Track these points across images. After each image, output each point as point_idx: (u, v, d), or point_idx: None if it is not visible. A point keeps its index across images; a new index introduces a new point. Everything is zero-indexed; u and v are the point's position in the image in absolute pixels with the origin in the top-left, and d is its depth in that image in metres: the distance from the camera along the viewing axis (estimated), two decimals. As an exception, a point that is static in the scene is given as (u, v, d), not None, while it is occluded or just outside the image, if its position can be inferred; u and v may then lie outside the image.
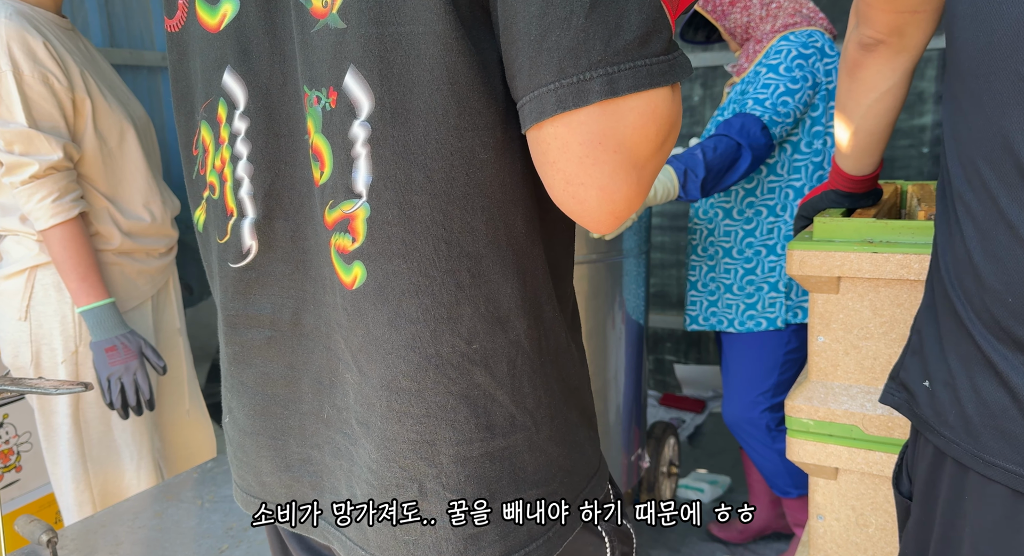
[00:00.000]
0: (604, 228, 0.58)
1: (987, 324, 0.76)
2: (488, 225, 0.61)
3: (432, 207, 0.60)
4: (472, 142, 0.59)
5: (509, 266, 0.63)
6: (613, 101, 0.52)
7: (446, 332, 0.63)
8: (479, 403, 0.64)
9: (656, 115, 0.53)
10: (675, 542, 2.37)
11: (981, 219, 0.75)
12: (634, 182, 0.55)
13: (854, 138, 1.17)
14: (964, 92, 0.77)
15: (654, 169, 0.56)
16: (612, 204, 0.55)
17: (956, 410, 0.79)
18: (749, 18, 1.95)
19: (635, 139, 0.53)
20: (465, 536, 0.65)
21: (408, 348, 0.63)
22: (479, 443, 0.64)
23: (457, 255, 0.61)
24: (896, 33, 1.01)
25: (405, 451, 0.65)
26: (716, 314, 2.12)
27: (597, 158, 0.53)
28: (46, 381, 1.30)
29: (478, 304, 0.62)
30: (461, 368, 0.63)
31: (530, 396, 0.66)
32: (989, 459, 0.76)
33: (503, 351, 0.64)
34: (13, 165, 1.54)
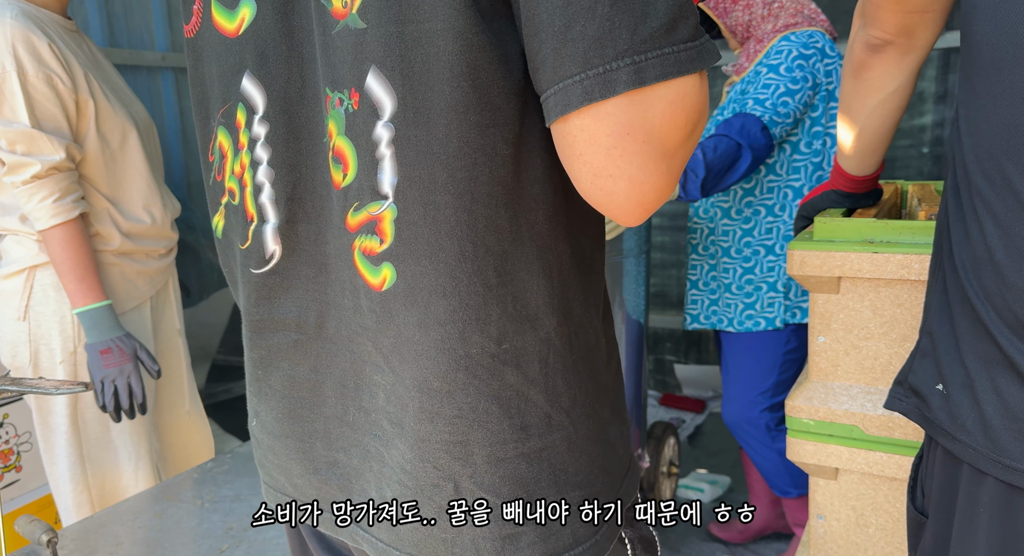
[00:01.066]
0: (633, 220, 0.58)
1: (1009, 323, 0.74)
2: (512, 222, 0.61)
3: (456, 206, 0.60)
4: (494, 138, 0.58)
5: (534, 263, 0.62)
6: (641, 91, 0.51)
7: (475, 333, 0.62)
8: (512, 403, 0.63)
9: (685, 103, 0.52)
10: (675, 542, 2.37)
11: (1003, 216, 0.74)
12: (664, 172, 0.54)
13: (858, 139, 1.16)
14: (984, 85, 0.75)
15: (683, 158, 0.55)
16: (642, 195, 0.55)
17: (975, 413, 0.77)
18: (751, 17, 1.95)
19: (664, 128, 0.52)
20: (503, 535, 0.65)
21: (437, 350, 0.63)
22: (514, 444, 0.64)
23: (483, 254, 0.61)
24: (905, 33, 1.00)
25: (439, 451, 0.65)
26: (716, 313, 2.12)
27: (625, 149, 0.52)
28: (46, 381, 1.30)
29: (506, 303, 0.62)
30: (492, 369, 0.63)
31: (565, 394, 0.65)
32: (1009, 463, 0.74)
33: (534, 350, 0.63)
34: (15, 165, 1.54)
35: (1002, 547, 0.76)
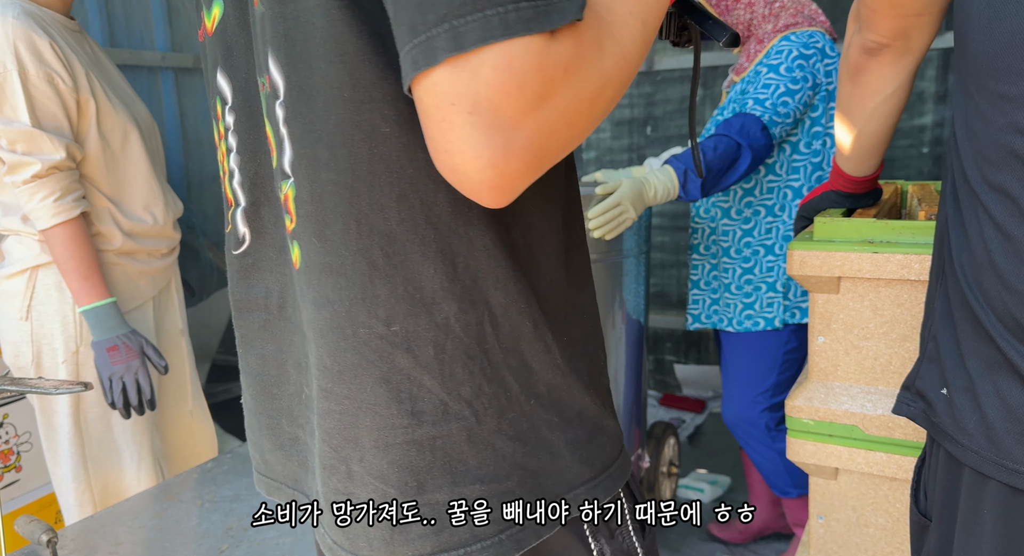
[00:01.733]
0: (487, 201, 0.52)
1: (1010, 327, 0.74)
2: (400, 202, 0.59)
3: (338, 184, 0.60)
4: (371, 115, 0.57)
5: (431, 246, 0.60)
6: (462, 57, 0.46)
7: (362, 313, 0.61)
8: (402, 388, 0.62)
9: (516, 69, 0.46)
10: (675, 542, 2.38)
11: (1001, 220, 0.74)
12: (499, 147, 0.47)
13: (857, 141, 1.16)
14: (981, 91, 0.76)
15: (532, 132, 0.48)
16: (478, 172, 0.49)
17: (976, 417, 0.77)
18: (752, 15, 1.95)
19: (493, 98, 0.46)
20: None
21: (328, 328, 0.63)
22: (402, 429, 0.62)
23: (368, 233, 0.60)
24: (900, 37, 1.00)
25: (334, 431, 0.65)
26: (717, 312, 2.12)
27: (453, 122, 0.47)
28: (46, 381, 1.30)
29: (395, 284, 0.60)
30: (381, 351, 0.61)
31: (467, 384, 0.62)
32: (1012, 466, 0.74)
33: (428, 335, 0.61)
34: (15, 164, 1.54)
35: (1006, 549, 0.76)
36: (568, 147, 0.52)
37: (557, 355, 0.67)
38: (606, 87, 0.51)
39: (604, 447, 0.71)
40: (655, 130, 3.44)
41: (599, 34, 0.51)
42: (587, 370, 0.71)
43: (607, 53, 0.51)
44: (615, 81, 0.52)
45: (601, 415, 0.71)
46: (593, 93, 0.50)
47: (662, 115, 3.41)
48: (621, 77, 0.53)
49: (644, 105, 3.43)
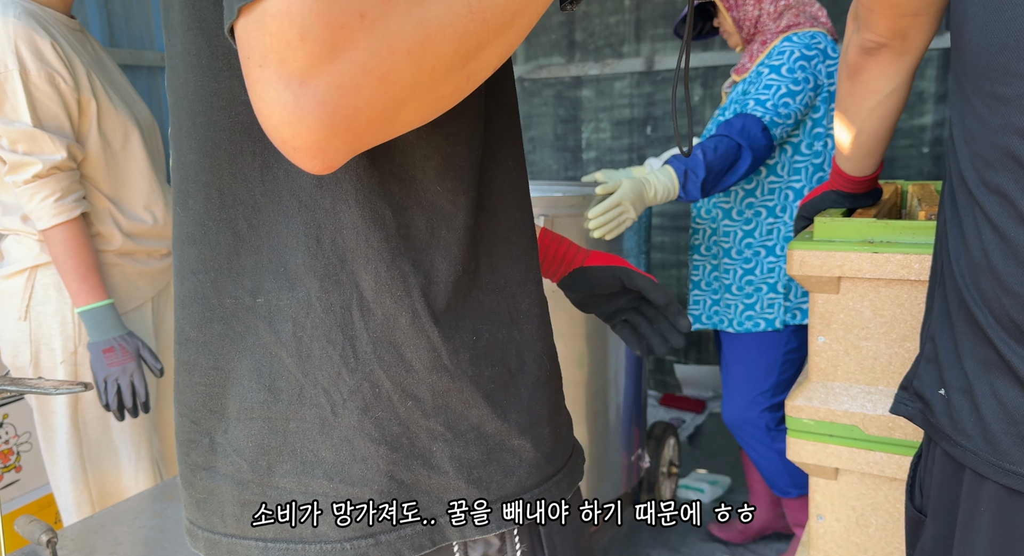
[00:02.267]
0: (306, 167, 0.46)
1: (1007, 328, 0.74)
2: (264, 173, 0.58)
3: (199, 152, 0.59)
4: (229, 83, 0.56)
5: (294, 219, 0.58)
6: (251, 7, 0.42)
7: (228, 283, 0.60)
8: (263, 362, 0.60)
9: (293, 16, 0.41)
10: (675, 542, 2.37)
11: (999, 222, 0.74)
12: (289, 103, 0.42)
13: (856, 141, 1.16)
14: (977, 93, 0.76)
15: (328, 88, 0.42)
16: (276, 132, 0.44)
17: (974, 418, 0.77)
18: (760, 13, 1.95)
19: (277, 48, 0.42)
20: (242, 502, 0.61)
21: (191, 299, 0.62)
22: (260, 404, 0.60)
23: (232, 203, 0.59)
24: (898, 37, 1.00)
25: (197, 405, 0.63)
26: (718, 313, 2.12)
27: (250, 77, 0.44)
28: (45, 381, 1.30)
29: (260, 255, 0.59)
30: (247, 322, 0.60)
31: (324, 369, 0.59)
32: (1008, 467, 0.74)
33: (288, 310, 0.59)
34: (16, 164, 1.54)
35: (1002, 550, 0.76)
36: (396, 107, 0.45)
37: (444, 356, 0.60)
38: (436, 38, 0.44)
39: (512, 471, 0.64)
40: (655, 130, 3.43)
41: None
42: (496, 378, 0.63)
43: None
44: (452, 32, 0.44)
45: (507, 432, 0.63)
46: (412, 44, 0.43)
47: (662, 115, 3.41)
48: (466, 27, 0.45)
49: (644, 105, 3.43)
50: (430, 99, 0.46)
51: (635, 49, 3.41)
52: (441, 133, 0.58)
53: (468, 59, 0.46)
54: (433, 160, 0.59)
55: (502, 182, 0.65)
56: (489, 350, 0.63)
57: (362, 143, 0.46)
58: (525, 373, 0.66)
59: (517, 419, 0.64)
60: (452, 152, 0.60)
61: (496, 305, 0.64)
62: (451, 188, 0.60)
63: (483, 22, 0.46)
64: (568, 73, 3.56)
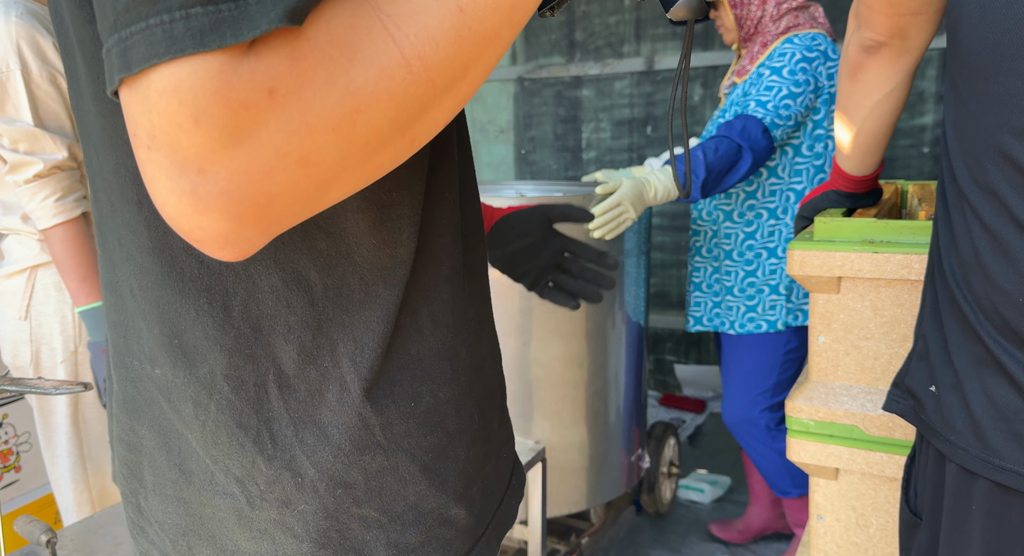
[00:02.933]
0: (217, 256, 0.39)
1: (997, 326, 0.75)
2: (151, 227, 0.48)
3: (104, 193, 0.51)
4: (114, 119, 0.48)
5: (192, 283, 0.48)
6: (134, 79, 0.35)
7: (133, 343, 0.53)
8: (171, 439, 0.53)
9: (183, 96, 0.34)
10: (675, 542, 2.37)
11: (989, 220, 0.74)
12: (187, 193, 0.35)
13: (856, 140, 1.16)
14: (971, 92, 0.76)
15: (232, 175, 0.35)
16: (175, 222, 0.37)
17: (965, 414, 0.78)
18: (763, 14, 1.95)
19: (167, 131, 0.34)
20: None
21: (114, 350, 0.57)
22: (172, 483, 0.54)
23: (125, 258, 0.50)
24: (898, 35, 1.00)
25: (124, 462, 0.58)
26: (719, 315, 2.12)
27: (139, 156, 0.36)
28: (45, 381, 1.29)
29: (150, 323, 0.50)
30: (150, 392, 0.53)
31: (234, 458, 0.50)
32: (999, 463, 0.74)
33: (185, 389, 0.50)
34: (17, 163, 1.54)
35: (995, 546, 0.76)
36: (321, 188, 0.38)
37: (378, 431, 0.52)
38: (368, 108, 0.37)
39: (449, 545, 0.57)
40: (655, 130, 3.43)
41: (348, 37, 0.36)
42: (435, 447, 0.55)
43: (366, 62, 0.36)
44: (388, 99, 0.37)
45: (446, 504, 0.56)
46: (337, 119, 0.36)
47: (662, 115, 3.41)
48: (405, 91, 0.37)
49: (644, 105, 3.43)
50: (363, 172, 0.39)
51: (635, 49, 3.41)
52: (377, 182, 0.49)
53: (410, 123, 0.39)
54: (368, 212, 0.50)
55: (441, 219, 0.56)
56: (428, 415, 0.55)
57: (280, 228, 0.39)
58: (463, 432, 0.58)
59: (454, 486, 0.57)
60: (389, 200, 0.51)
61: (437, 360, 0.55)
62: (388, 240, 0.51)
63: (427, 81, 0.38)
64: (568, 73, 3.56)
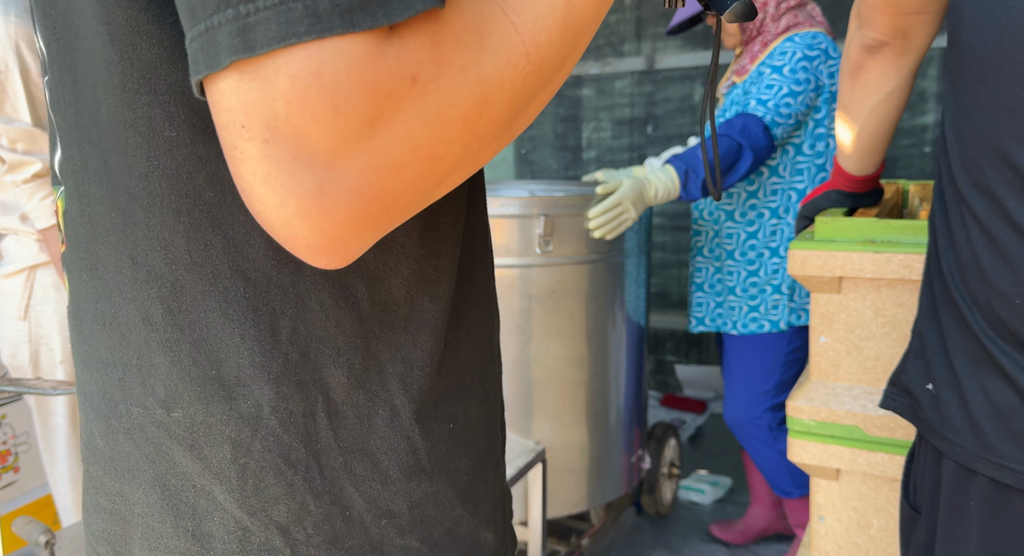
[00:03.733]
0: (315, 263, 0.36)
1: (994, 326, 0.75)
2: (191, 239, 0.42)
3: (110, 204, 0.44)
4: (149, 111, 0.41)
5: (237, 303, 0.43)
6: (253, 61, 0.31)
7: (136, 386, 0.45)
8: (183, 498, 0.45)
9: (326, 81, 0.30)
10: (676, 543, 2.37)
11: (987, 221, 0.75)
12: (311, 192, 0.32)
13: (857, 139, 1.16)
14: (970, 94, 0.76)
15: (364, 171, 0.32)
16: (286, 227, 0.33)
17: (962, 413, 0.78)
18: (764, 14, 1.95)
19: (297, 122, 0.31)
20: None
21: (100, 397, 0.47)
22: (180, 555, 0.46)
23: (145, 278, 0.43)
24: (900, 35, 1.00)
25: (102, 537, 0.50)
26: (722, 316, 2.11)
27: (245, 152, 0.32)
28: (44, 381, 1.29)
29: (179, 354, 0.44)
30: (158, 442, 0.45)
31: (282, 502, 0.45)
32: (997, 461, 0.75)
33: (223, 428, 0.44)
34: (16, 163, 1.54)
35: (993, 542, 0.77)
36: (437, 186, 0.36)
37: (424, 456, 0.49)
38: (494, 98, 0.35)
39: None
40: (656, 129, 3.43)
41: (479, 23, 0.34)
42: (469, 468, 0.53)
43: (494, 50, 0.35)
44: (510, 87, 0.36)
45: (478, 528, 0.54)
46: (469, 109, 0.34)
47: (663, 114, 3.40)
48: (524, 80, 0.36)
49: (645, 104, 3.43)
50: (472, 167, 0.37)
51: (636, 48, 3.40)
52: None
53: (517, 115, 0.38)
54: (418, 219, 0.47)
55: (475, 230, 0.54)
56: (463, 435, 0.52)
57: (391, 228, 0.37)
58: (492, 452, 0.56)
59: (485, 510, 0.54)
60: (437, 206, 0.48)
61: (470, 378, 0.53)
62: (434, 250, 0.48)
63: (539, 71, 0.37)
64: (569, 73, 3.56)
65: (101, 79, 0.42)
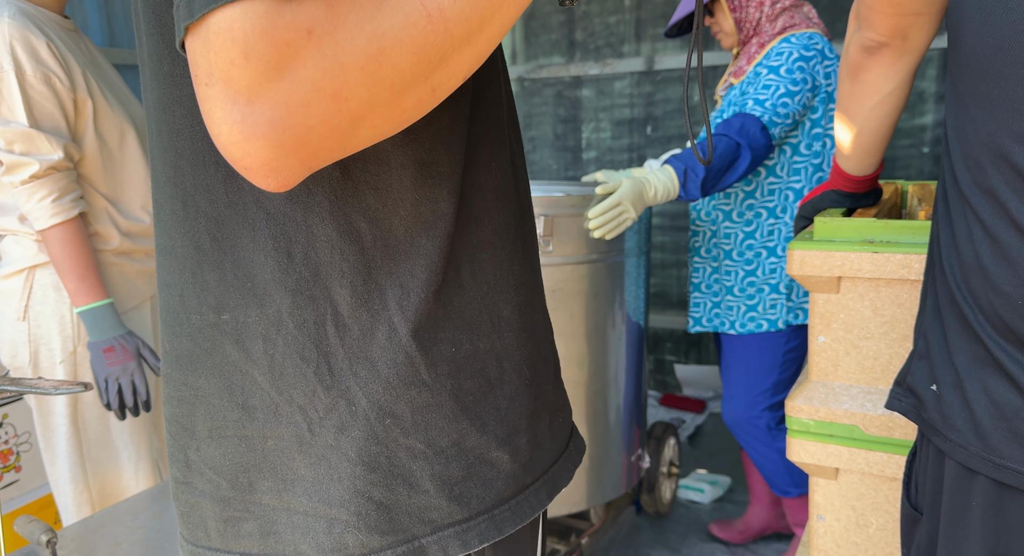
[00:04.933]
0: (262, 185, 0.45)
1: (997, 327, 0.75)
2: (228, 184, 0.55)
3: (165, 161, 0.58)
4: (191, 90, 0.54)
5: (261, 232, 0.56)
6: (197, 24, 0.41)
7: (193, 298, 0.59)
8: (234, 380, 0.58)
9: (235, 35, 0.40)
10: (675, 542, 2.37)
11: (990, 222, 0.75)
12: (237, 122, 0.41)
13: (856, 140, 1.16)
14: (972, 94, 0.76)
15: (276, 106, 0.41)
16: (226, 151, 0.43)
17: (965, 413, 0.78)
18: (761, 15, 1.95)
19: (221, 67, 0.41)
20: (225, 518, 0.61)
21: (167, 311, 0.62)
22: (234, 423, 0.59)
23: (194, 216, 0.57)
24: (899, 36, 1.00)
25: (173, 420, 0.63)
26: (719, 315, 2.11)
27: (199, 93, 0.43)
28: (45, 381, 1.29)
29: (224, 271, 0.57)
30: (213, 339, 0.58)
31: (298, 387, 0.57)
32: (999, 462, 0.75)
33: (257, 327, 0.57)
34: (13, 164, 1.53)
35: (994, 543, 0.77)
36: (352, 124, 0.44)
37: (423, 370, 0.58)
38: (392, 51, 0.43)
39: (491, 485, 0.62)
40: (655, 130, 3.43)
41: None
42: (475, 390, 0.62)
43: (391, 11, 0.43)
44: (410, 44, 0.43)
45: (487, 445, 0.62)
46: (365, 59, 0.42)
47: (662, 115, 3.41)
48: (425, 38, 0.43)
49: (644, 105, 3.43)
50: (391, 113, 0.45)
51: (635, 49, 3.41)
52: (417, 140, 0.56)
53: (431, 71, 0.45)
54: (410, 168, 0.57)
55: (485, 184, 0.63)
56: (469, 361, 0.61)
57: (318, 161, 0.45)
58: (504, 383, 0.64)
59: (495, 431, 0.62)
60: (430, 158, 0.58)
61: (477, 313, 0.62)
62: (431, 196, 0.58)
63: (445, 32, 0.44)
64: (568, 73, 3.56)
65: (155, 68, 0.55)
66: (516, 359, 0.65)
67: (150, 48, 0.56)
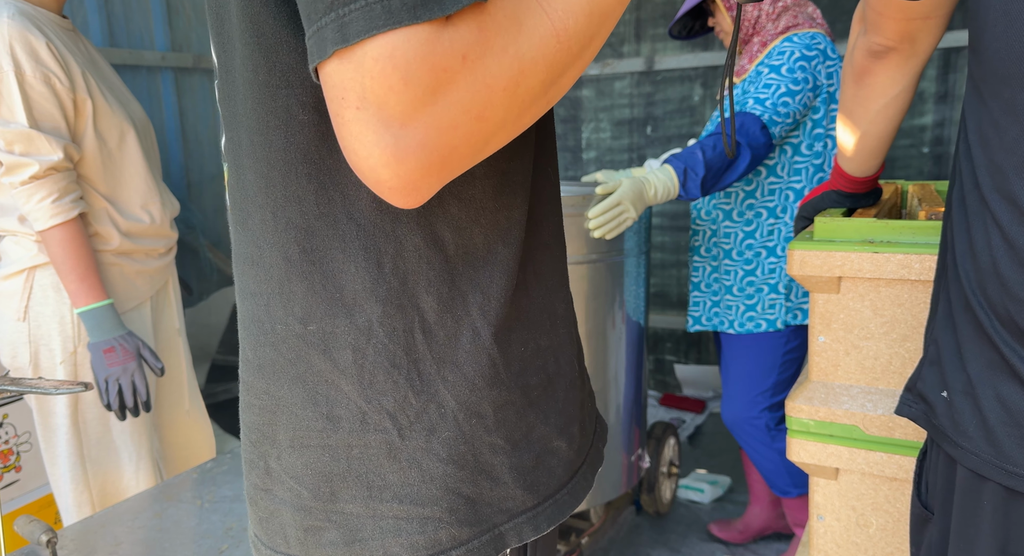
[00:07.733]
0: (397, 203, 0.48)
1: (1012, 332, 0.75)
2: (319, 196, 0.56)
3: (256, 171, 0.58)
4: (287, 101, 0.55)
5: (352, 243, 0.57)
6: (349, 50, 0.42)
7: (279, 309, 0.59)
8: (319, 390, 0.59)
9: (397, 61, 0.42)
10: (675, 542, 2.37)
11: (1008, 228, 0.74)
12: (390, 146, 0.43)
13: (860, 142, 1.16)
14: (996, 100, 0.76)
15: (427, 129, 0.44)
16: (373, 173, 0.45)
17: (976, 420, 0.78)
18: (759, 14, 1.95)
19: (378, 92, 0.42)
20: (306, 526, 0.62)
21: (250, 320, 0.63)
22: (317, 433, 0.60)
23: (284, 226, 0.58)
24: (907, 40, 0.99)
25: (253, 426, 0.64)
26: (718, 315, 2.11)
27: (345, 118, 0.44)
28: (45, 381, 1.29)
29: (312, 282, 0.58)
30: (298, 350, 0.59)
31: (389, 394, 0.59)
32: (1011, 469, 0.74)
33: (346, 337, 0.58)
34: (13, 165, 1.53)
35: (1007, 541, 0.77)
36: (486, 142, 0.47)
37: (502, 370, 0.62)
38: (529, 71, 0.46)
39: (553, 472, 0.67)
40: (655, 130, 3.43)
41: (516, 11, 0.45)
42: (539, 385, 0.66)
43: (528, 32, 0.45)
44: (543, 63, 0.46)
45: (549, 435, 0.67)
46: (508, 80, 0.45)
47: (662, 115, 3.41)
48: (554, 57, 0.46)
49: (644, 105, 3.43)
50: (515, 128, 0.48)
51: (635, 49, 3.41)
52: (501, 151, 0.58)
53: (551, 86, 0.48)
54: (492, 178, 0.59)
55: (542, 189, 0.66)
56: (534, 358, 0.65)
57: (452, 177, 0.48)
58: (560, 376, 0.68)
59: (556, 422, 0.67)
60: (508, 168, 0.60)
61: (539, 312, 0.66)
62: (507, 204, 0.61)
63: (568, 49, 0.47)
64: (568, 73, 3.56)
65: (248, 78, 0.55)
66: (568, 353, 0.69)
67: (244, 57, 0.55)
